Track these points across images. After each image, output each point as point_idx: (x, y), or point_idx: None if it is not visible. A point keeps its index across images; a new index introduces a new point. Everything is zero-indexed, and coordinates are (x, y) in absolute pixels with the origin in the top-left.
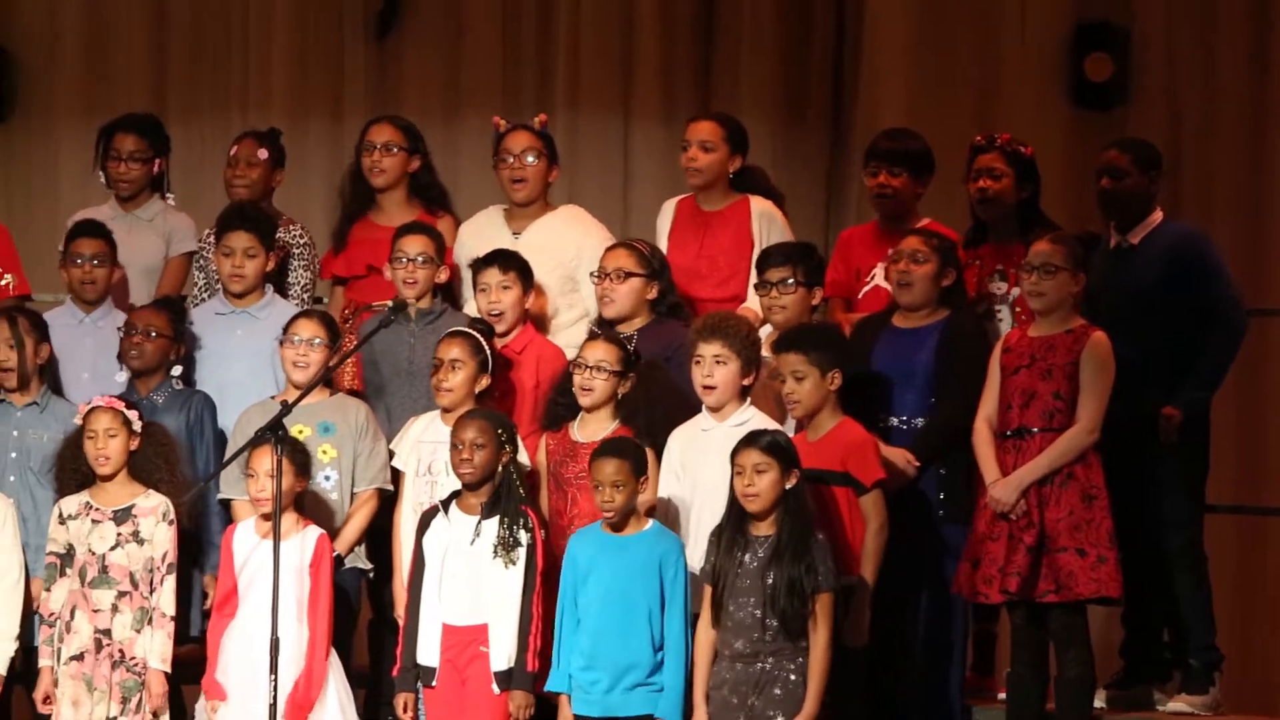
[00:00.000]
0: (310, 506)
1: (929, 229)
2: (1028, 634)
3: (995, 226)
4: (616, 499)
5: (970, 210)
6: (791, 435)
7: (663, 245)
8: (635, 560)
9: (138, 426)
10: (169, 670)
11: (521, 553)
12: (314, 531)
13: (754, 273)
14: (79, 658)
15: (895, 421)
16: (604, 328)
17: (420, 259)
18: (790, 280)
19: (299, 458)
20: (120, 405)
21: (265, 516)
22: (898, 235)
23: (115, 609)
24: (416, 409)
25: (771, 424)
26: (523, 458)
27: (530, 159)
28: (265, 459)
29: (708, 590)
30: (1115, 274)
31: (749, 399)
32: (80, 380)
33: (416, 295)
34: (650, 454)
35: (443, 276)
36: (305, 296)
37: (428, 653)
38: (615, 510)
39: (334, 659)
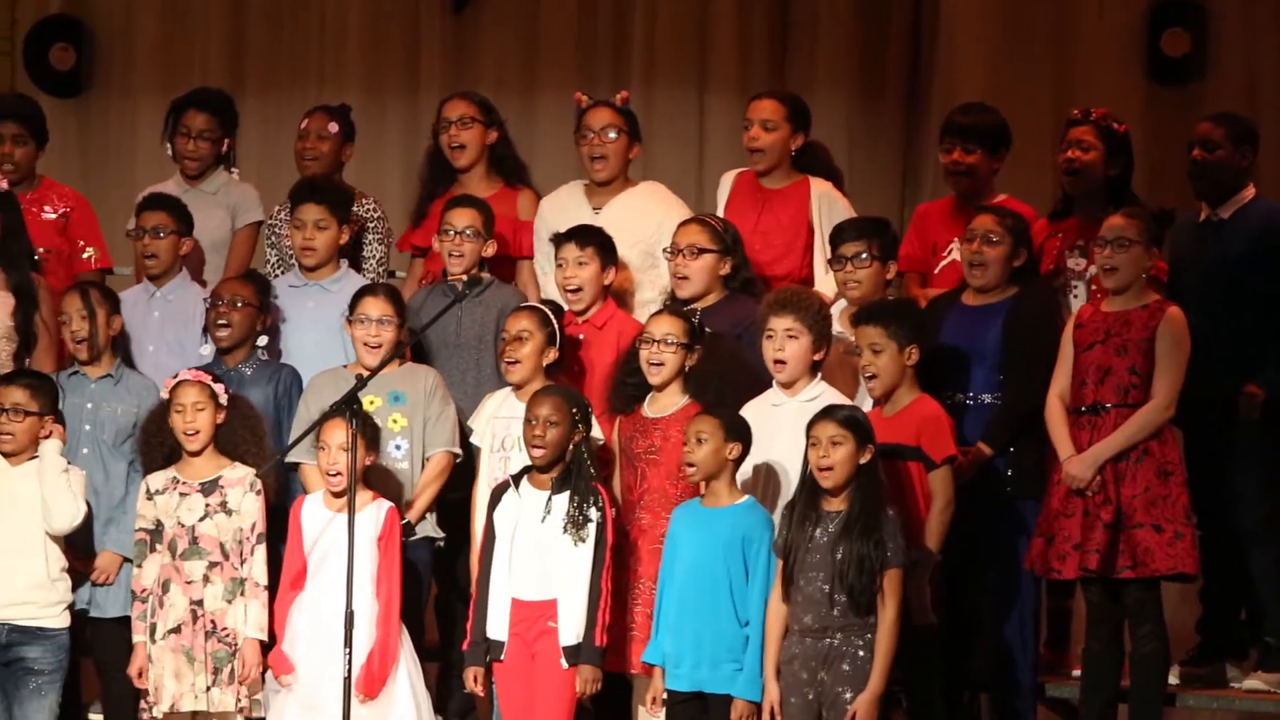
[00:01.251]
0: (379, 478)
1: (1003, 207)
2: (1103, 610)
3: (1081, 201)
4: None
5: (1060, 184)
6: (869, 409)
7: (721, 217)
8: (720, 534)
9: (224, 400)
10: (264, 639)
11: (591, 529)
12: (383, 504)
13: (822, 252)
14: (176, 630)
15: (963, 398)
16: (676, 303)
17: (468, 232)
18: (864, 255)
19: (369, 431)
20: (207, 379)
21: (335, 491)
22: (973, 211)
23: (207, 579)
24: (464, 381)
25: (843, 399)
26: (597, 433)
27: (611, 135)
28: (337, 432)
29: (779, 564)
30: (1202, 248)
31: (820, 374)
32: (147, 353)
33: (463, 269)
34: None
35: (489, 250)
36: (379, 270)
37: (497, 627)
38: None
39: (404, 632)
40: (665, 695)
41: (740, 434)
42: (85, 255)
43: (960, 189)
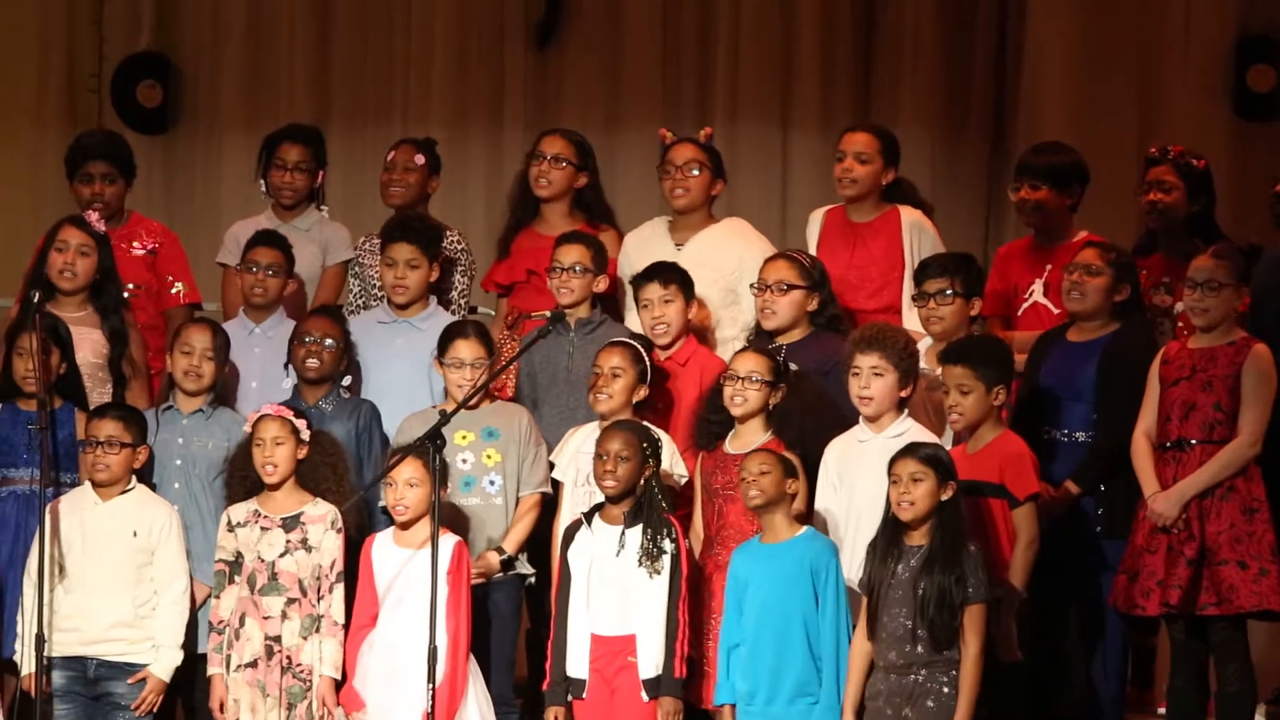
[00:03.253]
0: (449, 514)
1: (1095, 241)
2: (1188, 648)
3: (1165, 237)
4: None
5: (1144, 220)
6: (950, 448)
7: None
8: (787, 568)
9: (306, 435)
10: (339, 678)
11: (666, 560)
12: (450, 539)
13: (911, 284)
14: (252, 664)
15: (1058, 435)
16: (762, 339)
17: (577, 268)
18: (949, 291)
19: (439, 468)
20: (288, 413)
21: (403, 526)
22: (1051, 250)
23: (284, 616)
24: (574, 419)
25: (929, 436)
26: (682, 469)
27: (694, 171)
28: (405, 469)
29: (864, 601)
30: None
31: (906, 411)
32: (249, 390)
33: (571, 303)
34: (798, 463)
35: (601, 286)
36: (462, 303)
37: (577, 664)
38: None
39: (473, 666)
40: None
41: (796, 473)
42: (174, 290)
43: (1033, 226)
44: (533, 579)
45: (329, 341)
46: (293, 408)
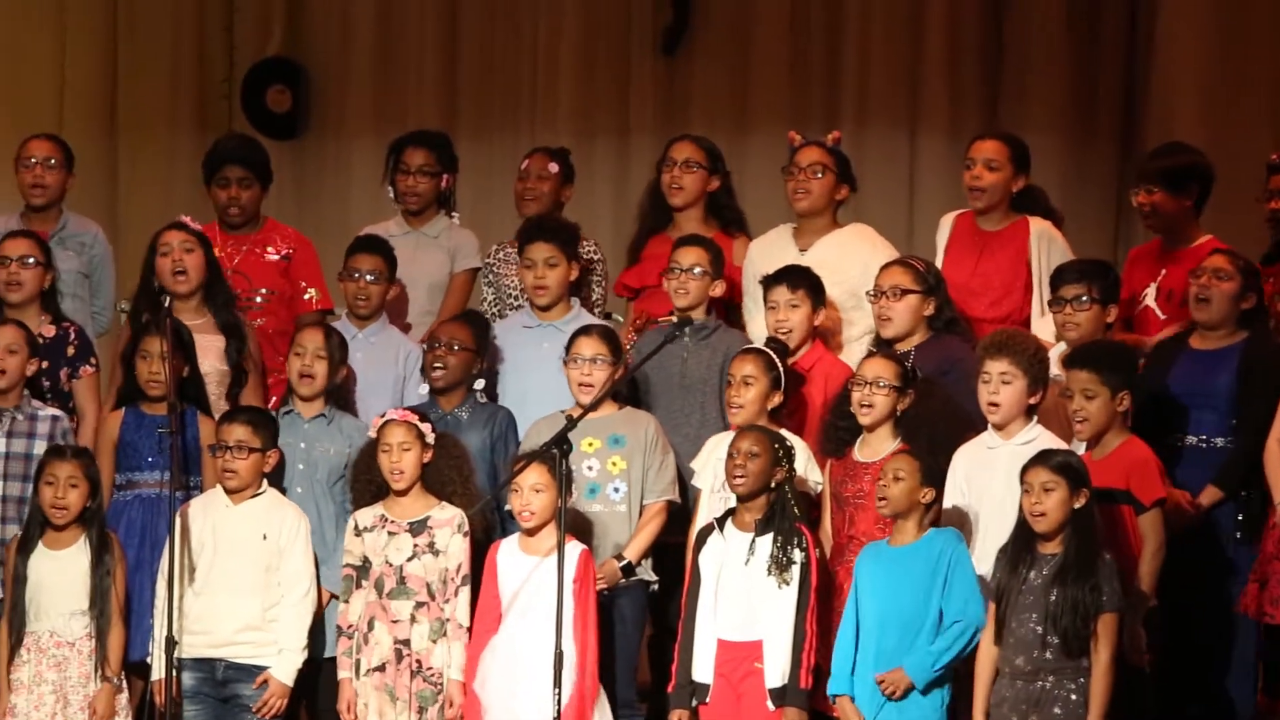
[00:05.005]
0: (576, 521)
1: (1223, 249)
2: None
3: None
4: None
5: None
6: (1080, 454)
7: (940, 259)
8: (913, 571)
9: (431, 439)
10: (466, 681)
11: (795, 570)
12: (575, 547)
13: (1047, 289)
14: (380, 669)
15: (1193, 440)
16: (882, 345)
17: (695, 270)
18: (1085, 297)
19: (565, 474)
20: (414, 418)
21: (529, 532)
22: (1173, 253)
23: (413, 619)
24: (687, 422)
25: (1059, 443)
26: (817, 475)
27: (817, 174)
28: (530, 474)
29: (991, 607)
30: None
31: (1035, 417)
32: (352, 394)
33: (687, 306)
34: (937, 469)
35: (717, 290)
36: (596, 311)
37: (703, 669)
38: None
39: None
40: None
41: (936, 480)
42: (307, 296)
43: (1152, 229)
44: (655, 586)
45: (455, 346)
46: (425, 413)
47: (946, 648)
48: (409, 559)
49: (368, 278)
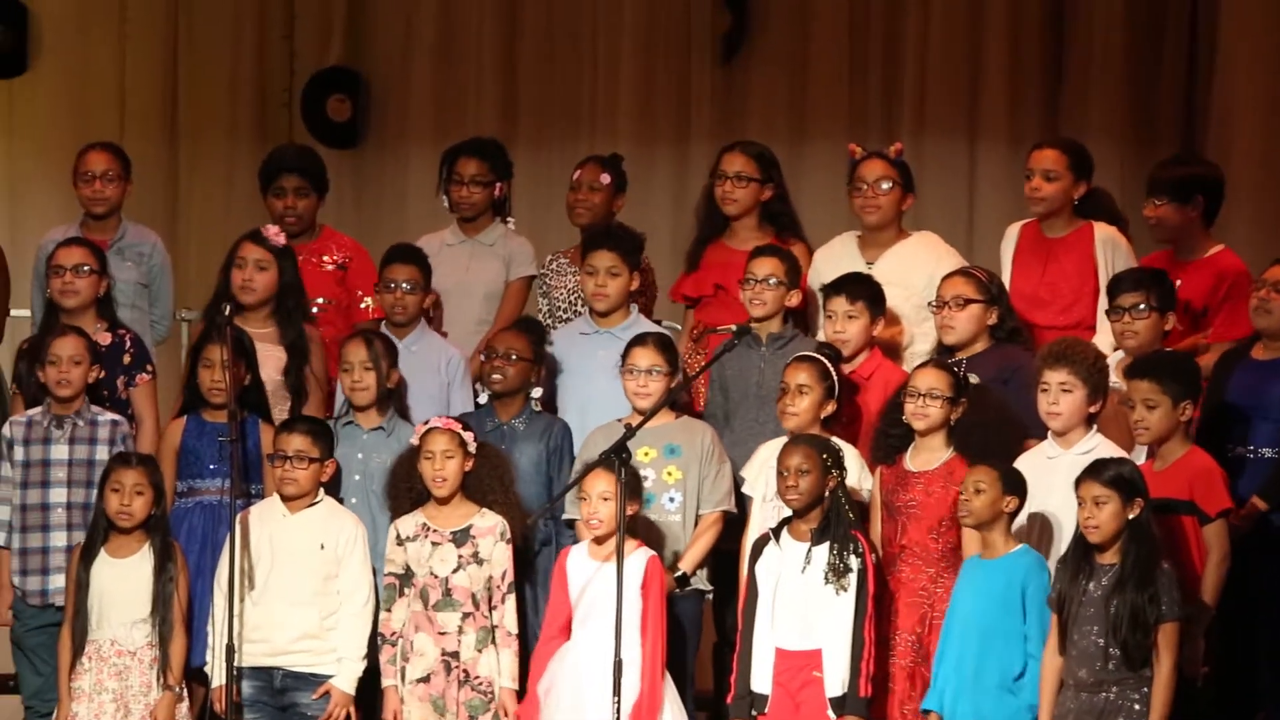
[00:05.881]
0: (644, 528)
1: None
2: None
3: None
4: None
5: None
6: (1141, 462)
7: (1006, 270)
8: (996, 586)
9: (473, 448)
10: (518, 689)
11: (853, 578)
12: (646, 553)
13: (1104, 298)
14: (425, 679)
15: (1243, 451)
16: (945, 354)
17: (770, 280)
18: (1143, 306)
19: (630, 481)
20: (456, 426)
21: (597, 540)
22: (1183, 265)
23: (460, 630)
24: (764, 433)
25: (1119, 452)
26: (869, 483)
27: (884, 187)
28: (598, 482)
29: (1053, 617)
30: None
31: (1095, 426)
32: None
33: (763, 316)
34: (1018, 479)
35: (793, 301)
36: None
37: (761, 680)
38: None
39: (668, 680)
40: None
41: (1018, 489)
42: (363, 305)
43: (1161, 241)
44: (710, 595)
45: (513, 355)
46: (463, 421)
47: (1034, 702)
48: (454, 570)
49: (404, 287)
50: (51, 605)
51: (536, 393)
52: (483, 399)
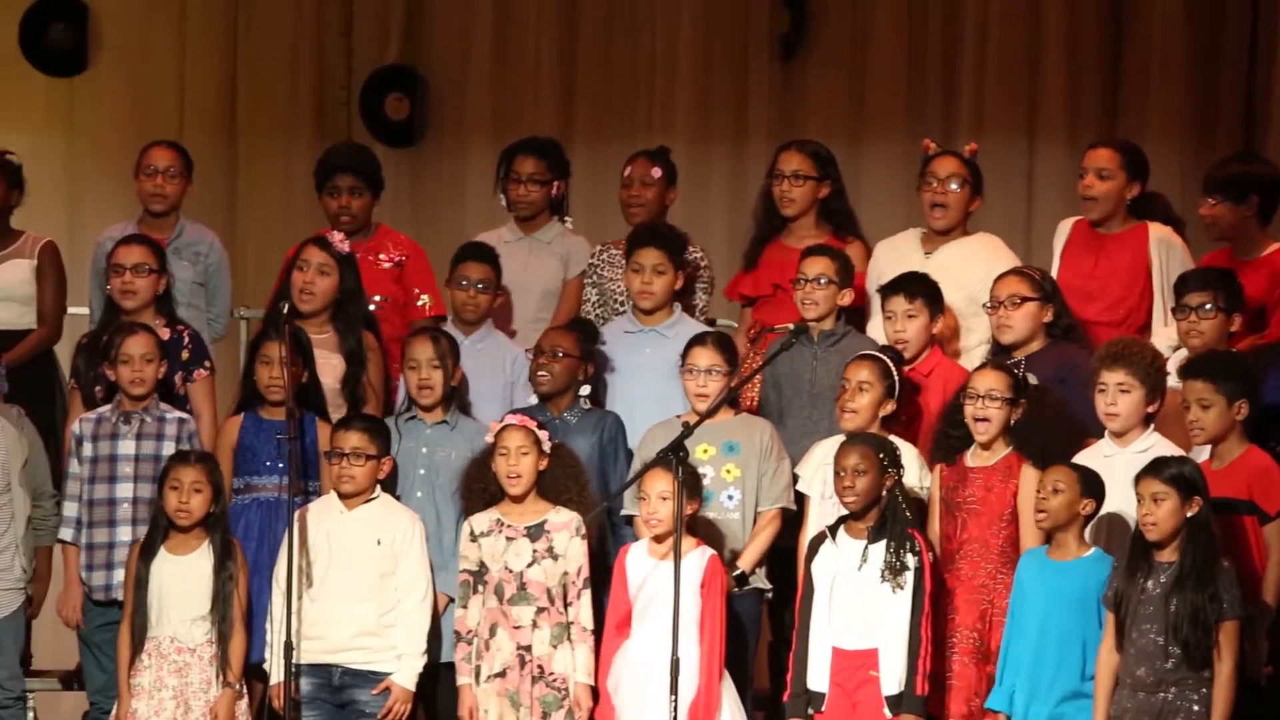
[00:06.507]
0: (704, 526)
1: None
2: None
3: None
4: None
5: None
6: (1201, 460)
7: (1056, 263)
8: (1070, 589)
9: (547, 446)
10: (594, 684)
11: (909, 576)
12: (706, 552)
13: (1171, 297)
14: (501, 674)
15: None
16: (999, 353)
17: (822, 280)
18: (1209, 306)
19: (689, 480)
20: (532, 424)
21: (657, 538)
22: (1243, 264)
23: (535, 625)
24: (817, 431)
25: (1176, 450)
26: (928, 480)
27: (954, 186)
28: (658, 481)
29: (1110, 616)
30: None
31: (1153, 425)
32: (464, 402)
33: (815, 316)
34: (1094, 480)
35: (846, 299)
36: (701, 318)
37: (818, 678)
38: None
39: (727, 679)
40: None
41: (1096, 491)
42: (420, 303)
43: (1216, 239)
44: (770, 594)
45: (559, 354)
46: (534, 418)
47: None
48: (529, 565)
49: (477, 286)
50: (115, 601)
51: (585, 390)
52: (533, 398)
